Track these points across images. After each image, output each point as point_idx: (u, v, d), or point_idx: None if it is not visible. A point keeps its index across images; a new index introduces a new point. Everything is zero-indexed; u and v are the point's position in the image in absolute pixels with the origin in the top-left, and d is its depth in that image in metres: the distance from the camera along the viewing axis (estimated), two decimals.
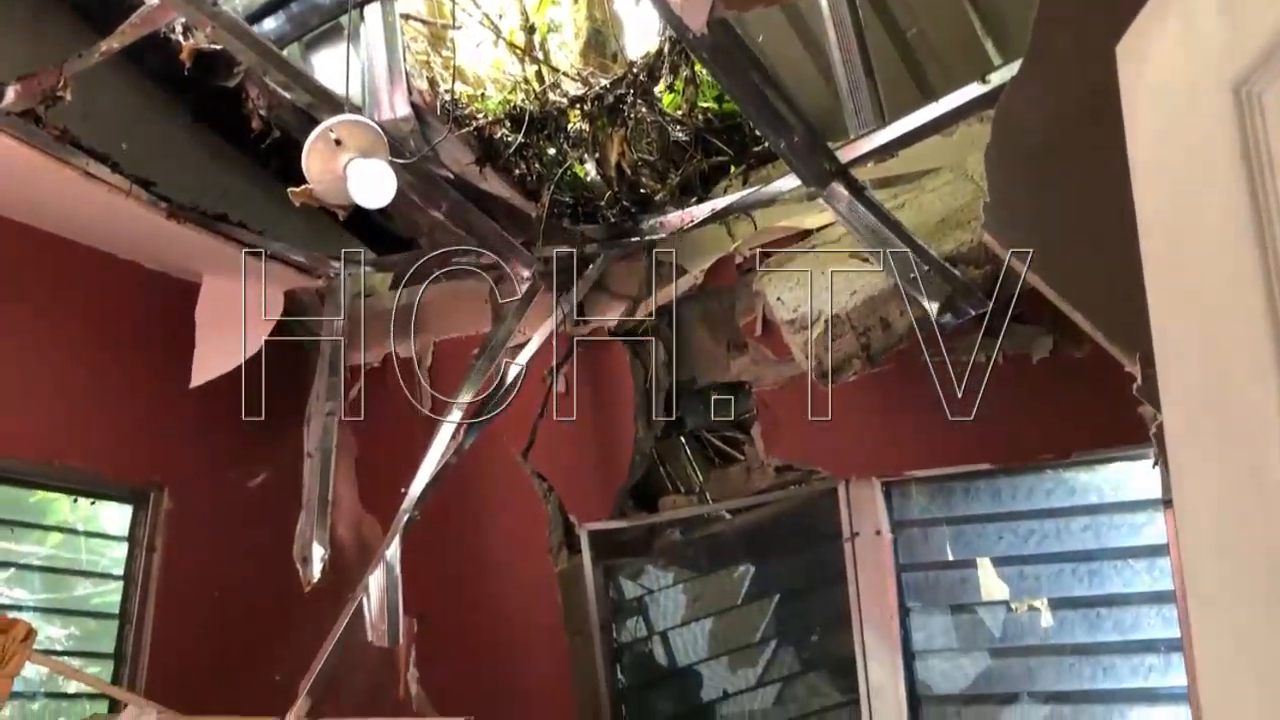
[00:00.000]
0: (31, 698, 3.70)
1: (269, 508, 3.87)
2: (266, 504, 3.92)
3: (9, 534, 3.65)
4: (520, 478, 3.77)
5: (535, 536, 3.74)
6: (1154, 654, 2.98)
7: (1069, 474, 3.14)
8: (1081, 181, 1.58)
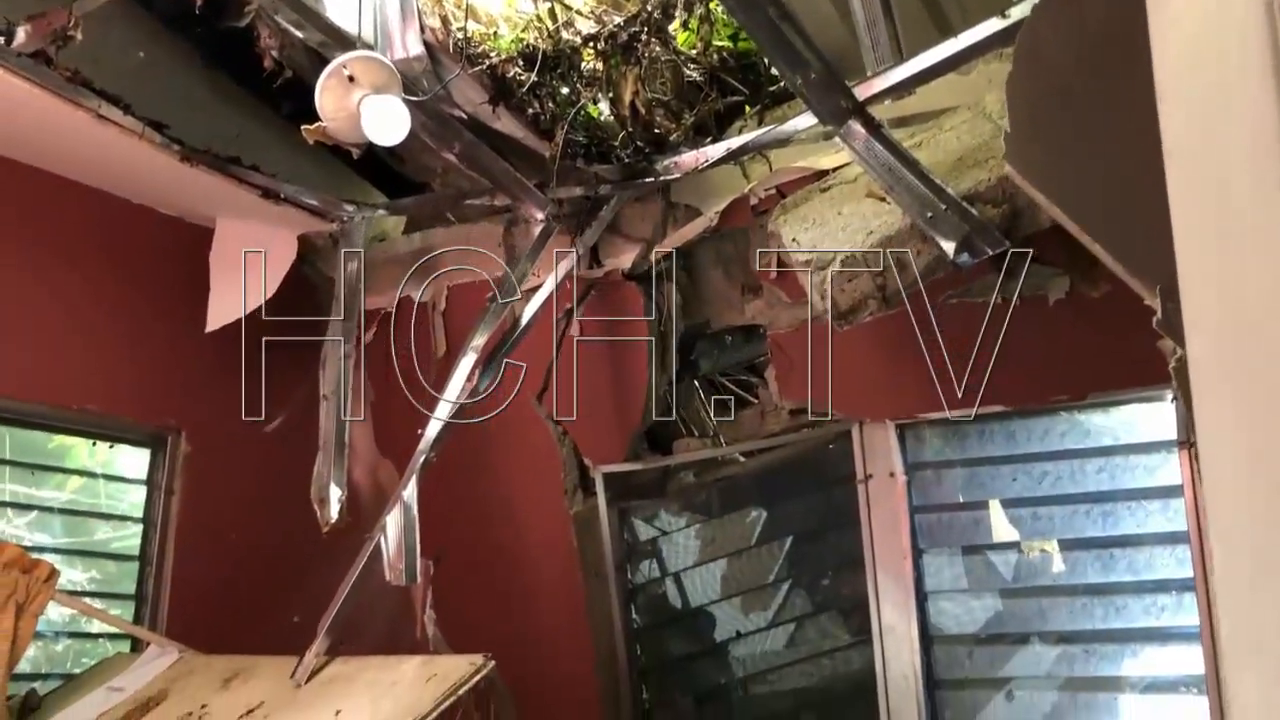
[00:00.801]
0: (54, 638, 3.76)
1: (286, 451, 3.90)
2: (283, 448, 3.94)
3: (29, 478, 3.68)
4: (535, 422, 3.78)
5: (550, 479, 3.76)
6: (1166, 594, 2.99)
7: (1083, 416, 3.14)
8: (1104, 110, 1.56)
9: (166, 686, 3.11)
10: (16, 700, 3.14)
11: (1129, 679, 3.04)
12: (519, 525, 3.84)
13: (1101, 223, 1.67)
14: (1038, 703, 3.13)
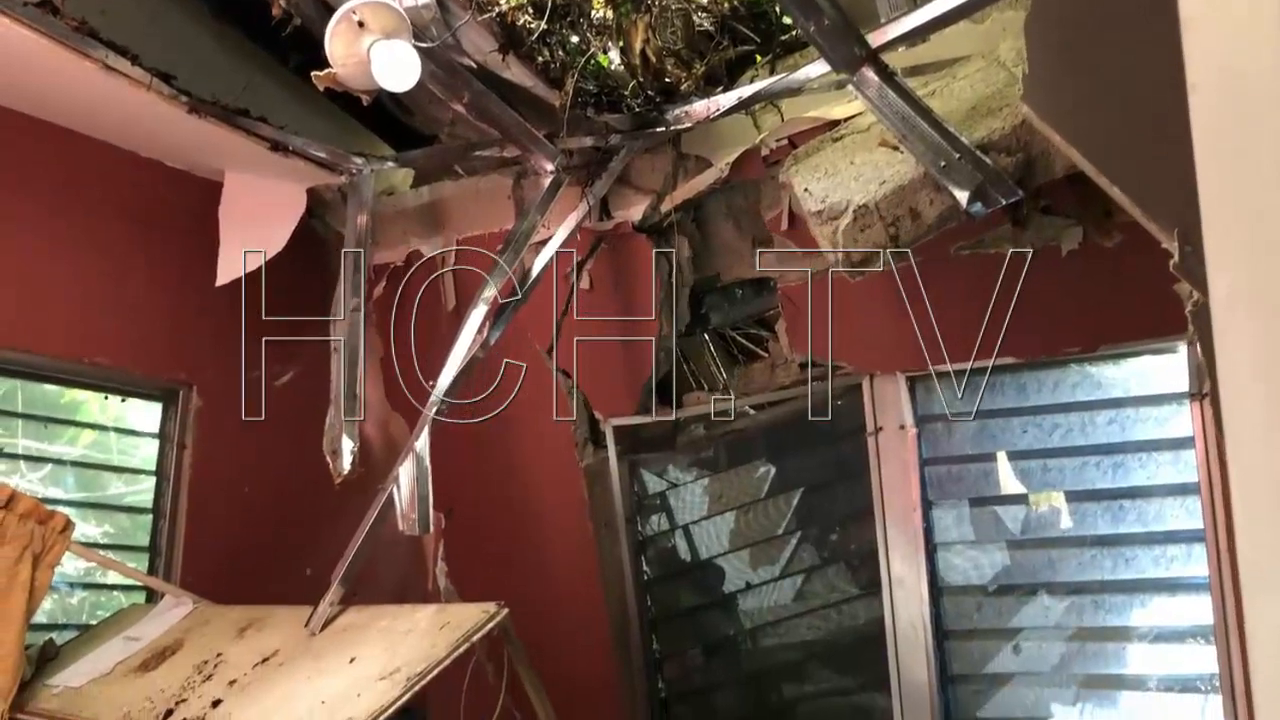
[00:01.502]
0: (70, 590, 3.79)
1: (298, 405, 3.91)
2: (295, 401, 3.96)
3: (43, 431, 3.70)
4: (546, 375, 3.78)
5: (561, 432, 3.77)
6: (1176, 545, 3.00)
7: (1094, 368, 3.13)
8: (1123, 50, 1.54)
9: (182, 636, 3.14)
10: (34, 650, 3.18)
11: (1137, 629, 3.06)
12: (530, 478, 3.85)
13: (1119, 165, 1.65)
14: (1046, 653, 3.16)
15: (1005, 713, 3.20)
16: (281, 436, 3.90)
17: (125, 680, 2.99)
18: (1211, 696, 2.88)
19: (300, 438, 3.79)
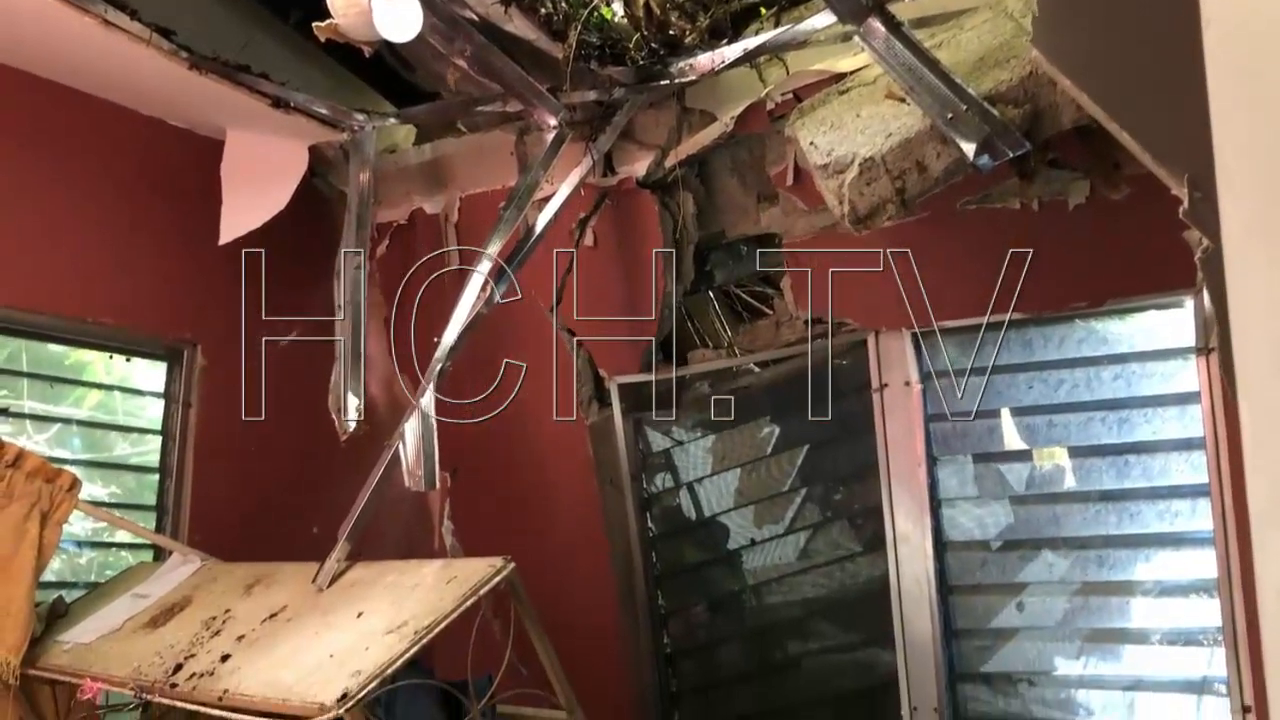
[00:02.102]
0: (79, 550, 3.81)
1: (302, 364, 3.91)
2: (300, 361, 3.96)
3: (48, 392, 3.70)
4: (550, 333, 3.78)
5: (565, 391, 3.77)
6: (1181, 499, 3.00)
7: (1100, 324, 3.12)
8: None
9: (190, 593, 3.16)
10: (44, 607, 3.20)
11: (1141, 584, 3.07)
12: (535, 436, 3.86)
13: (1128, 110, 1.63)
14: (1049, 607, 3.17)
15: (1008, 667, 3.22)
16: (287, 395, 3.90)
17: (135, 636, 3.01)
18: (1215, 649, 2.89)
19: (306, 396, 3.81)
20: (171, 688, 2.61)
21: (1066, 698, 3.17)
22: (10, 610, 2.95)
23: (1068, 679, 3.15)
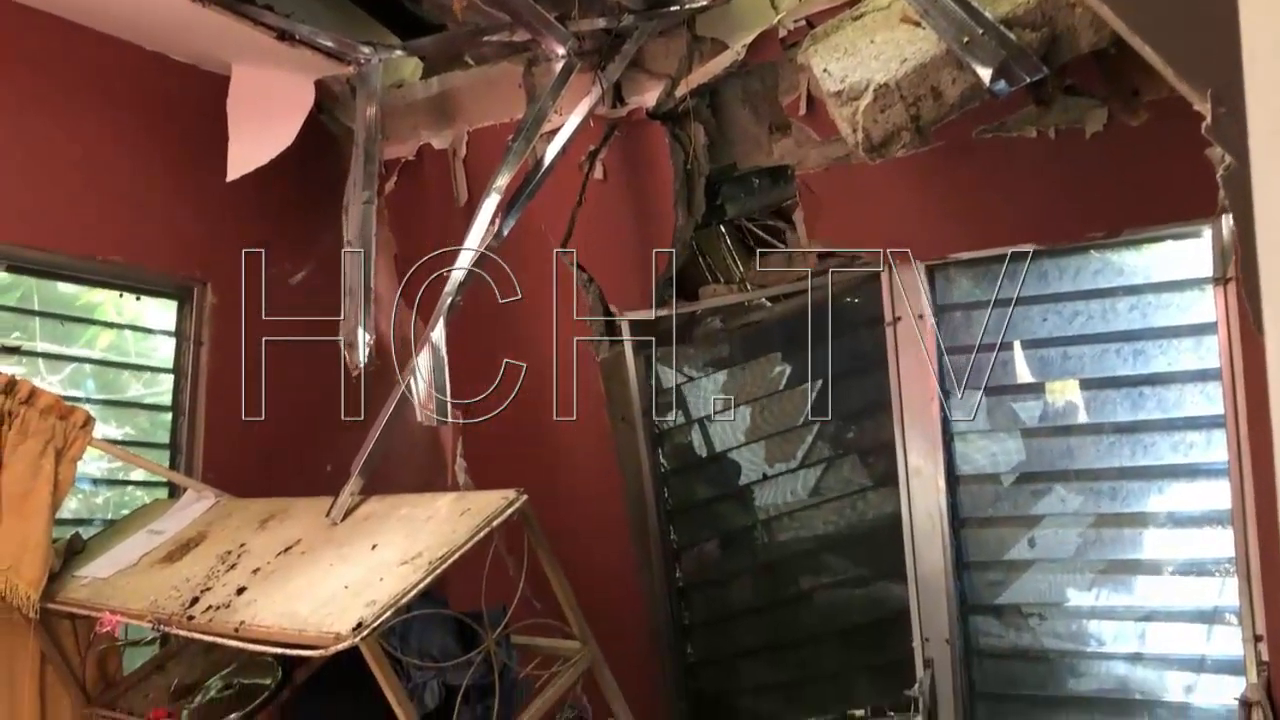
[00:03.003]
0: (94, 489, 3.84)
1: (313, 302, 3.90)
2: (310, 299, 3.95)
3: (60, 330, 3.70)
4: (560, 269, 3.76)
5: (577, 326, 3.75)
6: (1196, 431, 2.99)
7: (1116, 255, 3.09)
8: None
9: (205, 529, 3.18)
10: (61, 543, 3.23)
11: (1155, 515, 3.07)
12: (547, 370, 3.85)
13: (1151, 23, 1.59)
14: (1062, 540, 3.17)
15: (1020, 599, 3.23)
16: (298, 333, 3.90)
17: (151, 571, 3.03)
18: (1226, 580, 2.89)
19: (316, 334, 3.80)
20: (188, 620, 2.63)
21: (1078, 629, 3.19)
22: (28, 545, 2.97)
23: (1079, 610, 3.17)
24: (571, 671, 2.68)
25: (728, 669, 3.77)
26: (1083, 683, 3.16)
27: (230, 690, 3.05)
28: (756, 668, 3.72)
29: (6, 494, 2.98)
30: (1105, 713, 3.12)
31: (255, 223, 3.94)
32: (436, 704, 2.45)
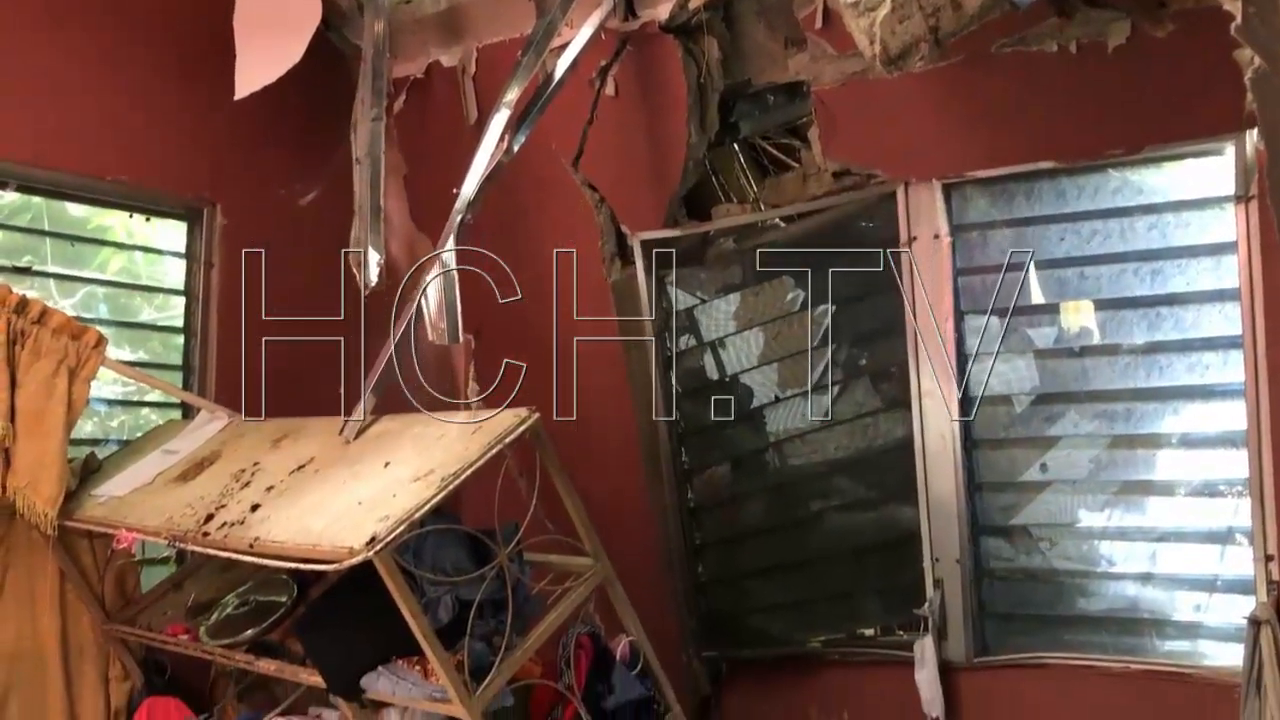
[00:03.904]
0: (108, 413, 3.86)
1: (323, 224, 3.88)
2: (320, 220, 3.93)
3: (70, 252, 3.69)
4: (571, 189, 3.72)
5: (588, 248, 3.72)
6: (1213, 351, 2.96)
7: (1135, 175, 3.04)
8: None
9: (219, 448, 3.20)
10: (77, 463, 3.26)
11: (1168, 436, 3.05)
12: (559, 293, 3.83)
13: None
14: (1075, 461, 3.16)
15: (1032, 520, 3.24)
16: (309, 254, 3.88)
17: (166, 489, 3.06)
18: (1240, 501, 2.89)
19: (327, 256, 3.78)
20: (203, 536, 2.66)
21: (1089, 549, 3.20)
22: (44, 463, 3.00)
23: (1091, 531, 3.17)
24: (584, 587, 2.71)
25: (738, 588, 3.80)
26: (1093, 602, 3.18)
27: (246, 607, 3.09)
28: (767, 587, 3.74)
29: (21, 413, 3.00)
30: (1114, 632, 3.14)
31: (264, 143, 3.90)
32: (450, 618, 2.47)
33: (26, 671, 3.16)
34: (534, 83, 3.21)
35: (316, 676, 2.64)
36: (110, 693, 3.31)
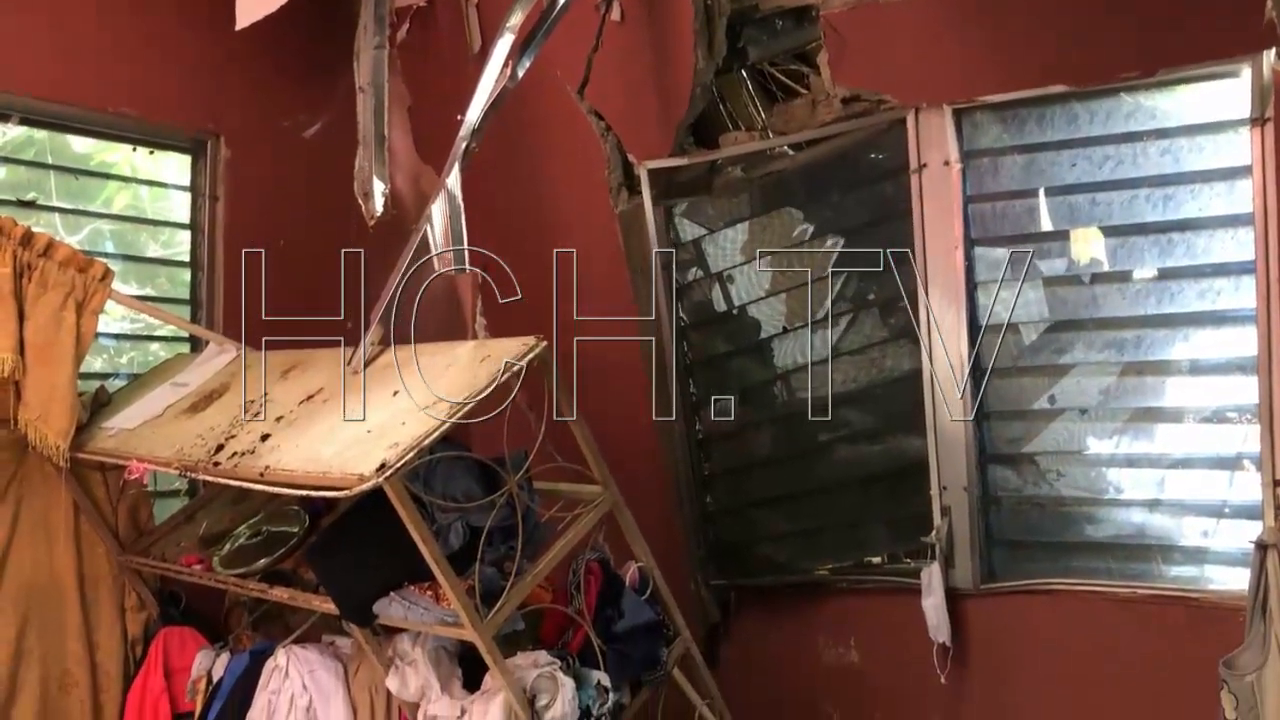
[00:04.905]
0: (117, 348, 3.87)
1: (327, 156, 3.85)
2: (325, 152, 3.90)
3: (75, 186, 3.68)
4: (577, 118, 3.67)
5: (594, 178, 3.69)
6: (1224, 277, 2.94)
7: (1148, 99, 2.99)
8: None
9: (228, 380, 3.20)
10: (87, 397, 3.27)
11: (1178, 363, 3.04)
12: (565, 227, 3.81)
13: None
14: (1084, 388, 3.15)
15: (1040, 447, 3.24)
16: (313, 187, 3.86)
17: (176, 421, 3.07)
18: (1249, 427, 2.88)
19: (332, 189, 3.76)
20: (214, 466, 2.67)
21: (1097, 477, 3.20)
22: (55, 396, 3.01)
23: (1099, 458, 3.17)
24: (593, 514, 2.72)
25: (746, 518, 3.82)
26: (1100, 529, 3.19)
27: (258, 537, 3.12)
28: (774, 517, 3.76)
29: (30, 346, 3.01)
30: (1120, 558, 3.15)
31: (267, 75, 3.88)
32: (461, 544, 2.48)
33: (44, 603, 3.20)
34: (538, 7, 3.16)
35: (329, 603, 2.66)
36: (127, 623, 3.37)
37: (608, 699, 2.54)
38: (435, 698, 2.63)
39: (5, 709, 3.10)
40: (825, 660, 3.61)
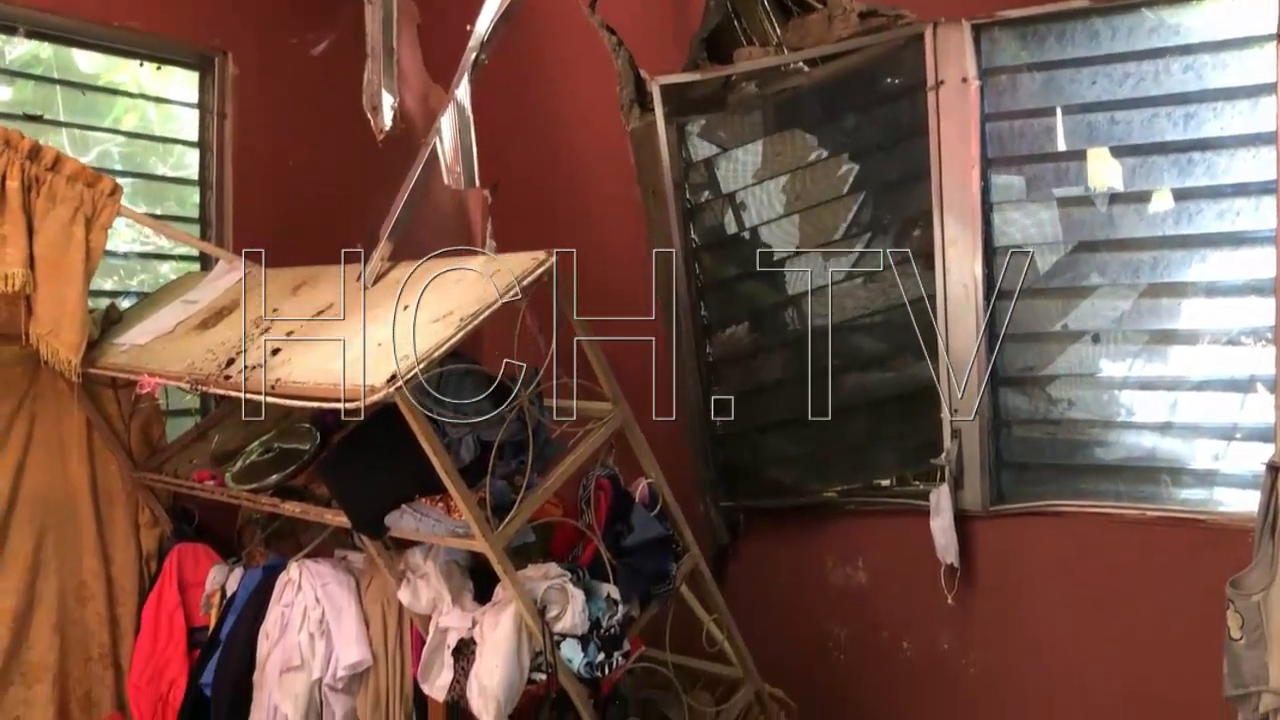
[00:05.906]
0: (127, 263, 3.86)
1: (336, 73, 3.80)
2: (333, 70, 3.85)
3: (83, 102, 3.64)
4: (588, 33, 3.61)
5: (606, 95, 3.64)
6: (1244, 198, 2.90)
7: (1171, 14, 2.92)
8: None
9: (238, 297, 3.19)
10: (98, 314, 3.27)
11: (1194, 284, 3.01)
12: (576, 145, 3.76)
13: None
14: (1098, 310, 3.13)
15: (1052, 370, 3.22)
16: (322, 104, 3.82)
17: (187, 337, 3.07)
18: (1264, 349, 2.86)
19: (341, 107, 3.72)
20: (225, 379, 2.67)
21: (1109, 399, 3.18)
22: (66, 310, 3.01)
23: (1111, 381, 3.15)
24: (604, 430, 2.72)
25: (755, 441, 3.82)
26: (1110, 452, 3.18)
27: (270, 454, 3.13)
28: (784, 440, 3.76)
29: (40, 260, 3.00)
30: (1130, 480, 3.15)
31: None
32: (472, 458, 2.49)
33: (59, 517, 3.24)
34: None
35: (341, 517, 2.68)
36: (141, 538, 3.40)
37: (617, 611, 2.56)
38: (447, 610, 2.66)
39: (25, 619, 3.15)
40: (833, 581, 3.64)
